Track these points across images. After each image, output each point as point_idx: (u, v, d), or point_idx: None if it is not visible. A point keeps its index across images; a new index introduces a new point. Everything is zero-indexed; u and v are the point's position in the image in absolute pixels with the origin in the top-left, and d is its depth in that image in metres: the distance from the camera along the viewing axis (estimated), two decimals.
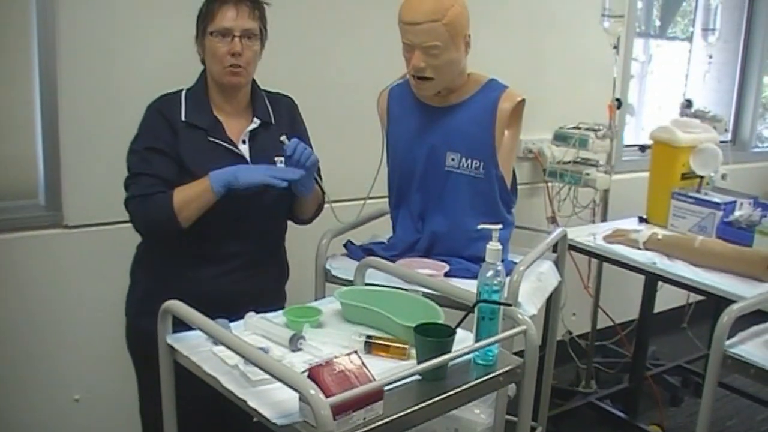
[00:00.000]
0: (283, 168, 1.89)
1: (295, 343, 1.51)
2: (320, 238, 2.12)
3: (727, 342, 1.79)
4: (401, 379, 1.30)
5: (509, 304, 1.55)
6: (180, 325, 1.51)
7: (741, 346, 1.80)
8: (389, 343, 1.50)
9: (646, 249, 2.56)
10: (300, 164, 1.84)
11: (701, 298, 2.65)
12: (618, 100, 3.24)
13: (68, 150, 2.26)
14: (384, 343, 1.51)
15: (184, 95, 1.93)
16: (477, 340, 1.46)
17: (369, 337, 1.52)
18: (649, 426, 3.18)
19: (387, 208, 2.24)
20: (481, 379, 1.43)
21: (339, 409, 1.16)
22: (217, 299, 1.73)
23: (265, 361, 1.28)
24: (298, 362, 1.42)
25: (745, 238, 2.55)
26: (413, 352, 1.44)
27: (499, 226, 1.53)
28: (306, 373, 1.22)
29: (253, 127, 1.95)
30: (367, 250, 2.13)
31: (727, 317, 1.79)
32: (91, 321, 2.34)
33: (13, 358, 2.27)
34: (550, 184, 3.39)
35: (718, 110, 3.65)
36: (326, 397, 1.15)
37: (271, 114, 2.00)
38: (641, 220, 3.01)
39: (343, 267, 2.08)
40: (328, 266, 2.09)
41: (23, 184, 2.32)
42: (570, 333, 3.65)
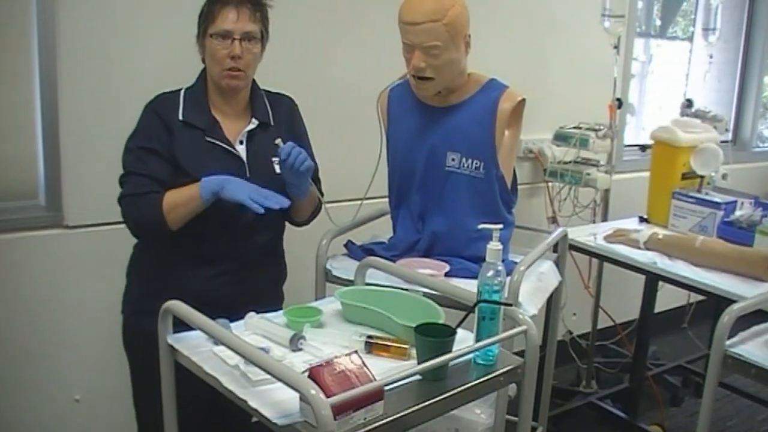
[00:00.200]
0: (268, 193, 1.81)
1: (295, 343, 1.51)
2: (321, 238, 2.12)
3: (728, 342, 1.79)
4: (402, 379, 1.30)
5: (510, 304, 1.54)
6: (178, 325, 1.51)
7: (741, 346, 1.80)
8: (390, 343, 1.50)
9: (647, 249, 2.56)
10: (294, 169, 1.82)
11: (702, 298, 2.66)
12: (618, 99, 3.24)
13: (68, 150, 2.26)
14: (384, 343, 1.51)
15: (183, 94, 1.93)
16: (477, 340, 1.46)
17: (369, 337, 1.52)
18: (649, 426, 3.18)
19: (387, 208, 2.24)
20: (482, 379, 1.43)
21: (339, 409, 1.16)
22: (212, 300, 1.71)
23: (266, 361, 1.27)
24: (299, 362, 1.42)
25: (745, 238, 2.55)
26: (414, 352, 1.44)
27: (500, 226, 1.53)
28: (306, 373, 1.22)
29: (251, 127, 1.94)
30: (367, 250, 2.13)
31: (727, 317, 1.79)
32: (92, 321, 2.34)
33: (14, 359, 2.27)
34: (550, 184, 3.39)
35: (719, 110, 3.65)
36: (327, 397, 1.15)
37: (271, 115, 1.99)
38: (642, 220, 3.01)
39: (343, 267, 2.08)
40: (328, 266, 2.09)
41: (23, 185, 2.32)
42: (570, 333, 3.65)
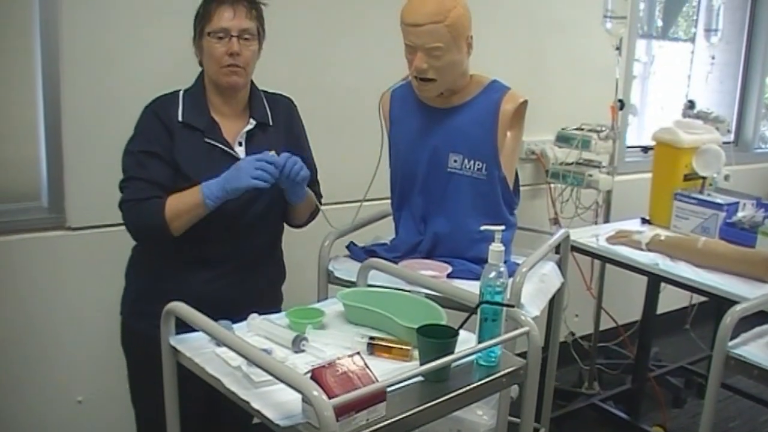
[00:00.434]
0: (268, 155, 1.79)
1: (297, 344, 1.51)
2: (323, 239, 2.12)
3: (730, 343, 1.79)
4: (404, 380, 1.30)
5: (512, 306, 1.54)
6: (177, 326, 1.52)
7: (744, 347, 1.80)
8: (392, 345, 1.50)
9: (649, 250, 2.56)
10: (290, 179, 1.81)
11: (704, 299, 2.66)
12: (620, 101, 3.24)
13: (71, 152, 2.27)
14: (387, 344, 1.50)
15: (181, 96, 1.92)
16: (480, 341, 1.46)
17: (372, 338, 1.52)
18: (651, 427, 3.18)
19: (389, 209, 2.24)
20: (484, 381, 1.43)
21: (342, 411, 1.16)
22: (211, 301, 1.68)
23: (268, 362, 1.27)
24: (301, 363, 1.43)
25: (747, 239, 2.55)
26: (416, 353, 1.45)
27: (502, 227, 1.53)
28: (309, 375, 1.22)
29: (249, 128, 1.93)
30: (369, 252, 2.13)
31: (729, 318, 1.79)
32: (94, 322, 2.34)
33: (16, 360, 2.28)
34: (552, 186, 3.39)
35: (721, 111, 3.64)
36: (329, 398, 1.15)
37: (269, 115, 1.98)
38: (644, 221, 3.01)
39: (345, 268, 2.08)
40: (330, 267, 2.09)
41: (26, 186, 2.33)
42: (573, 334, 3.65)
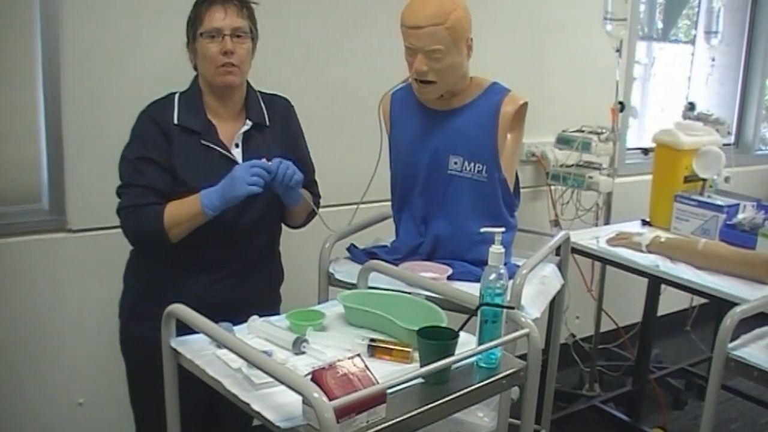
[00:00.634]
0: (261, 162, 1.79)
1: (298, 346, 1.51)
2: (323, 241, 2.12)
3: (730, 345, 1.79)
4: (404, 382, 1.30)
5: (512, 307, 1.54)
6: (177, 329, 1.52)
7: (744, 349, 1.80)
8: (392, 347, 1.50)
9: (649, 252, 2.56)
10: (283, 185, 1.82)
11: (704, 301, 2.66)
12: (621, 103, 3.24)
13: (72, 154, 2.27)
14: (387, 346, 1.51)
15: (177, 98, 1.91)
16: (480, 343, 1.46)
17: (372, 340, 1.52)
18: (652, 429, 3.17)
19: (390, 211, 2.24)
20: (484, 382, 1.43)
21: (342, 412, 1.16)
22: (209, 304, 1.64)
23: (269, 364, 1.28)
24: (302, 365, 1.43)
25: (748, 241, 2.55)
26: (416, 355, 1.45)
27: (502, 229, 1.53)
28: (309, 377, 1.22)
29: (245, 129, 1.92)
30: (370, 254, 2.13)
31: (729, 320, 1.79)
32: (94, 324, 2.34)
33: (17, 362, 2.28)
34: (553, 188, 3.39)
35: (721, 113, 3.65)
36: (329, 400, 1.15)
37: (266, 115, 1.97)
38: (644, 223, 3.01)
39: (346, 270, 2.08)
40: (331, 269, 2.09)
41: (27, 188, 2.33)
42: (573, 336, 3.65)
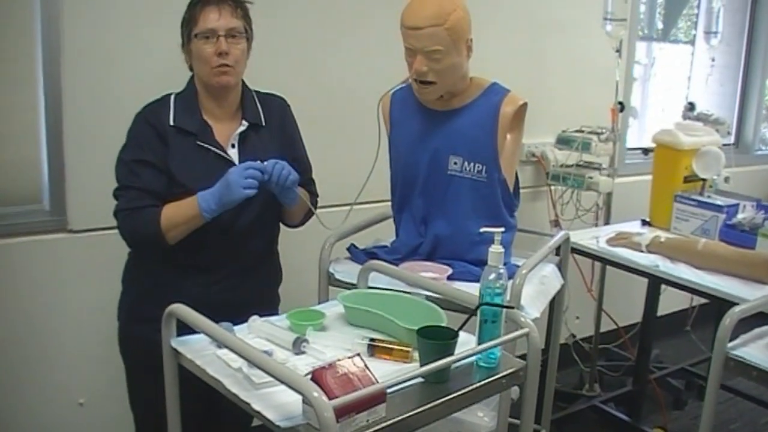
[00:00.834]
0: (255, 163, 1.81)
1: (298, 346, 1.51)
2: (323, 241, 2.12)
3: (730, 344, 1.79)
4: (404, 381, 1.30)
5: (512, 307, 1.55)
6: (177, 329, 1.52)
7: (743, 349, 1.80)
8: (392, 346, 1.51)
9: (649, 252, 2.56)
10: (279, 185, 1.82)
11: (704, 300, 2.65)
12: (621, 103, 3.24)
13: (72, 154, 2.27)
14: (387, 345, 1.51)
15: (172, 99, 1.91)
16: (480, 342, 1.46)
17: (372, 339, 1.52)
18: (652, 429, 3.18)
19: (390, 211, 2.24)
20: (484, 382, 1.44)
21: (342, 412, 1.16)
22: (207, 305, 1.61)
23: (269, 363, 1.28)
24: (302, 365, 1.43)
25: (748, 241, 2.55)
26: (416, 354, 1.45)
27: (502, 229, 1.53)
28: (309, 376, 1.22)
29: (241, 129, 1.93)
30: (370, 254, 2.13)
31: (729, 320, 1.79)
32: (95, 324, 2.34)
33: (18, 363, 2.28)
34: (552, 188, 3.40)
35: (721, 113, 3.65)
36: (329, 399, 1.16)
37: (262, 115, 1.97)
38: (644, 223, 3.01)
39: (346, 270, 2.08)
40: (331, 270, 2.09)
41: (27, 189, 2.33)
42: (573, 336, 3.65)
